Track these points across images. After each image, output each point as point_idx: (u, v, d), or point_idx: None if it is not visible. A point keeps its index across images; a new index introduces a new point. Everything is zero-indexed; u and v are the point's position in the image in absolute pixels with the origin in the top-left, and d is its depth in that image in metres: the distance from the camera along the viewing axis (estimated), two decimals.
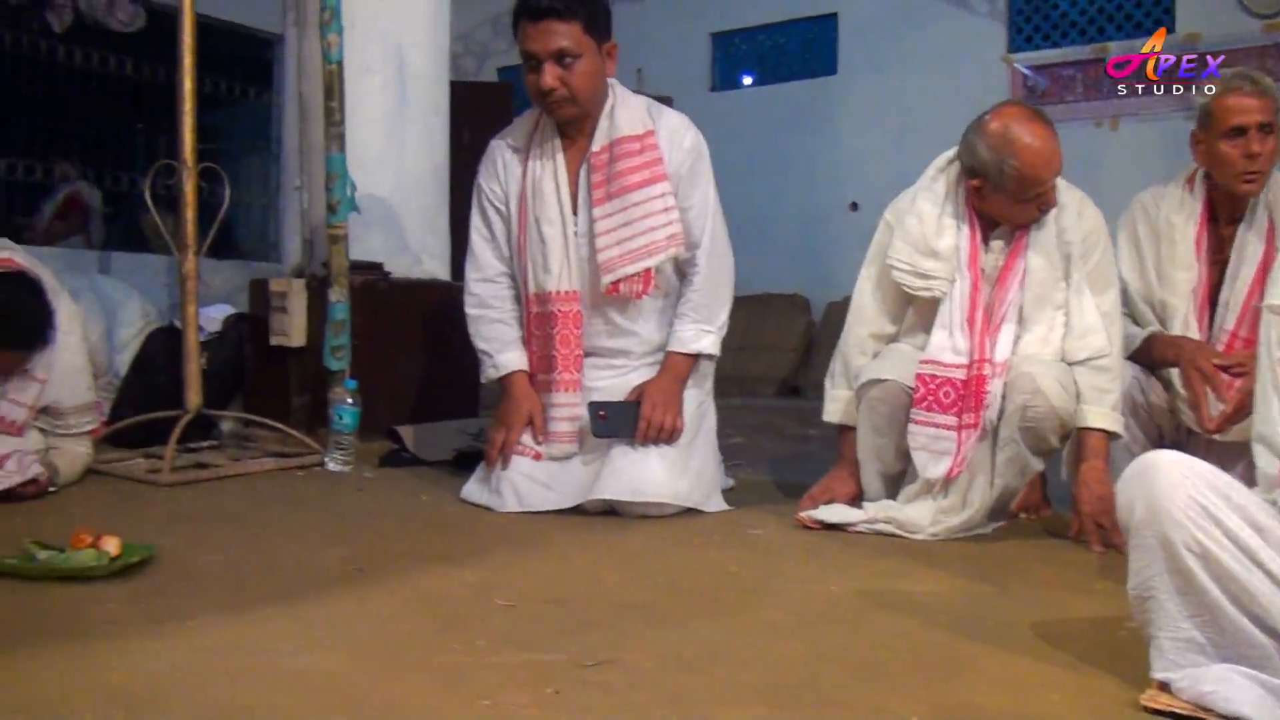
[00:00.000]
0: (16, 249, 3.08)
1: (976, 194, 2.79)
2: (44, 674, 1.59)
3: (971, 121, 2.82)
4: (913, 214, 2.88)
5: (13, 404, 3.02)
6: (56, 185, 8.56)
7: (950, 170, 2.89)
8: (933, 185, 2.90)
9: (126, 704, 1.48)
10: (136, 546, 2.23)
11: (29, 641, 1.74)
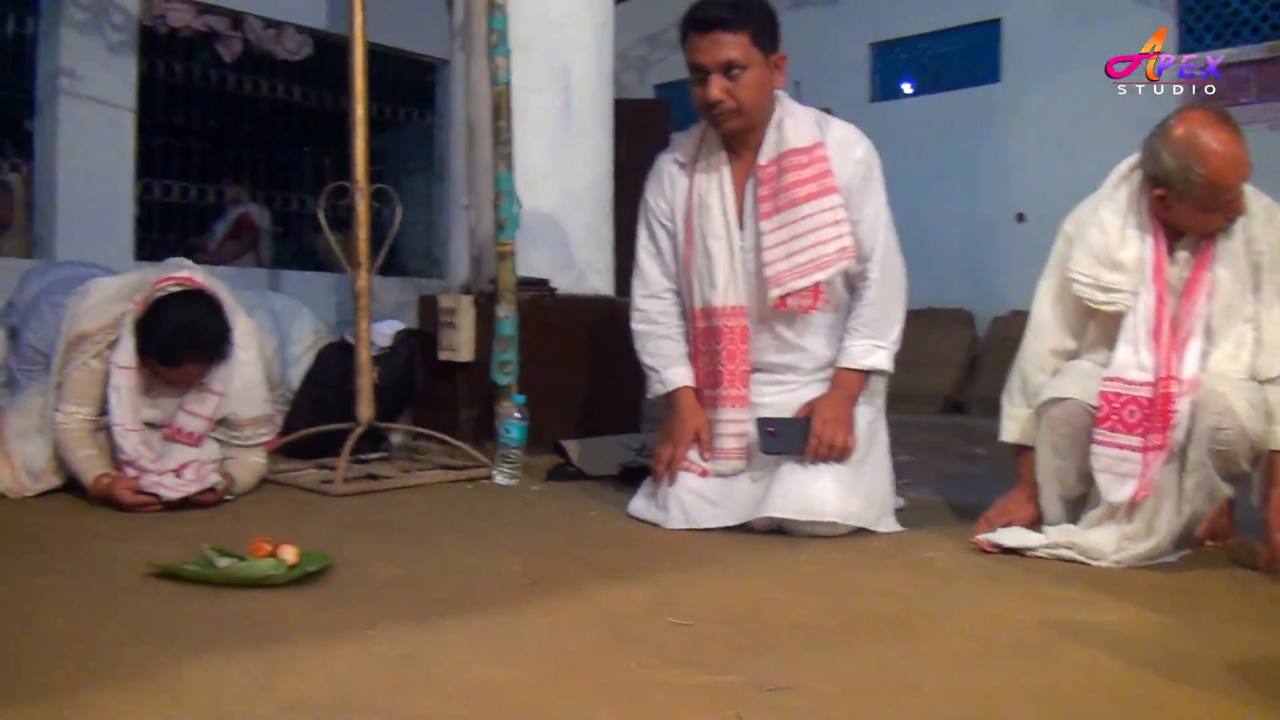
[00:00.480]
0: (196, 268, 3.19)
1: (1161, 203, 2.66)
2: (231, 679, 1.62)
3: (1154, 127, 2.68)
4: (1094, 224, 2.75)
5: (191, 415, 3.14)
6: (228, 207, 8.90)
7: (1132, 178, 2.76)
8: (1114, 194, 2.77)
9: (310, 712, 1.50)
10: (314, 555, 2.28)
11: (215, 647, 1.77)
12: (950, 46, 8.80)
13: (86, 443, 3.11)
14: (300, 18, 8.22)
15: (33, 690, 1.57)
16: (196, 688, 1.59)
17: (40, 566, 2.34)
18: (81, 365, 3.10)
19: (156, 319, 2.98)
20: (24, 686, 1.58)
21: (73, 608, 2.01)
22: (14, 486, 3.17)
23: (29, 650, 1.76)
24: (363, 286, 3.69)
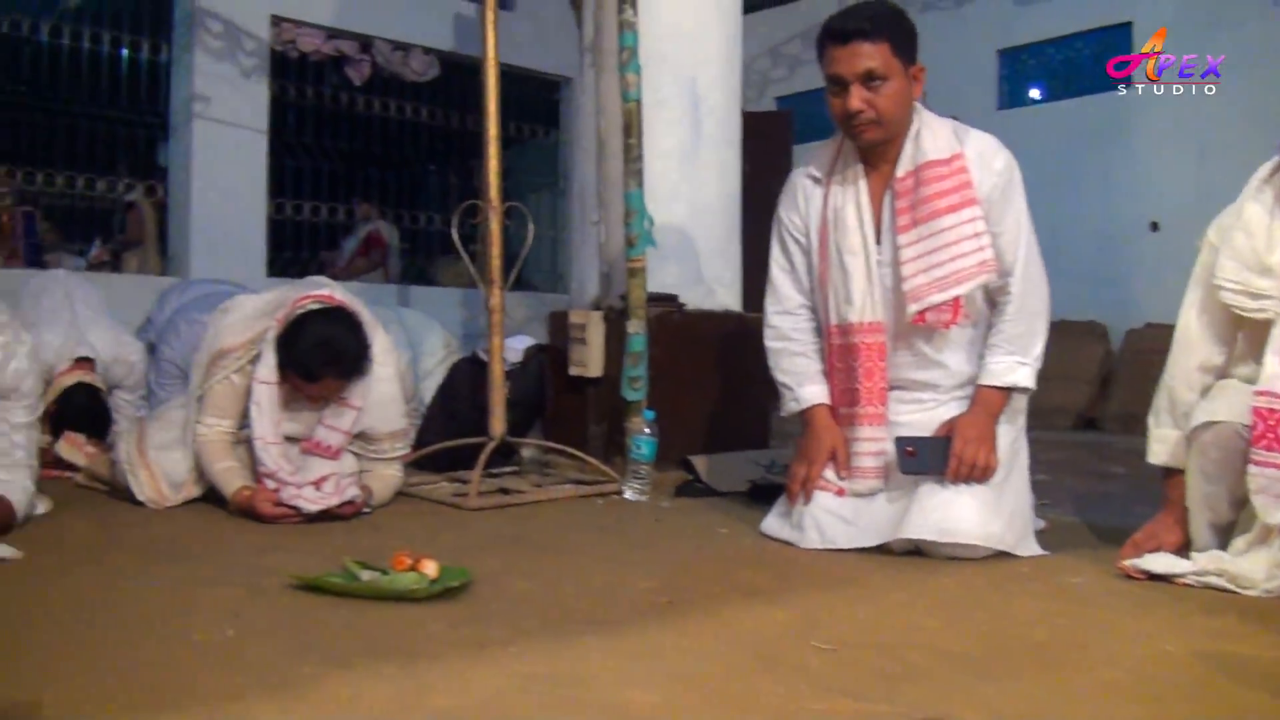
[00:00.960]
0: (336, 285, 3.24)
1: None
2: (377, 692, 1.63)
3: None
4: (1240, 229, 2.62)
5: (330, 429, 3.19)
6: (358, 225, 9.10)
7: (1275, 180, 2.62)
8: (1259, 197, 2.64)
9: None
10: (454, 570, 2.29)
11: (360, 659, 1.78)
12: (1079, 51, 8.59)
13: (227, 455, 3.18)
14: (427, 39, 8.39)
15: (186, 698, 1.59)
16: (344, 700, 1.60)
17: (189, 577, 2.39)
18: (223, 380, 3.18)
19: (297, 335, 3.04)
20: (178, 694, 1.61)
21: (222, 618, 2.04)
22: (155, 497, 3.26)
23: (182, 658, 1.79)
24: (496, 303, 3.71)
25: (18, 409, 2.97)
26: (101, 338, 4.30)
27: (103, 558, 2.62)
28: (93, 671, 1.71)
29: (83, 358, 4.22)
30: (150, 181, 7.97)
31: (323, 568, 2.37)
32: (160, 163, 9.31)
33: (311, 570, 2.33)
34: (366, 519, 3.14)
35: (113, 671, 1.71)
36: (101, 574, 2.45)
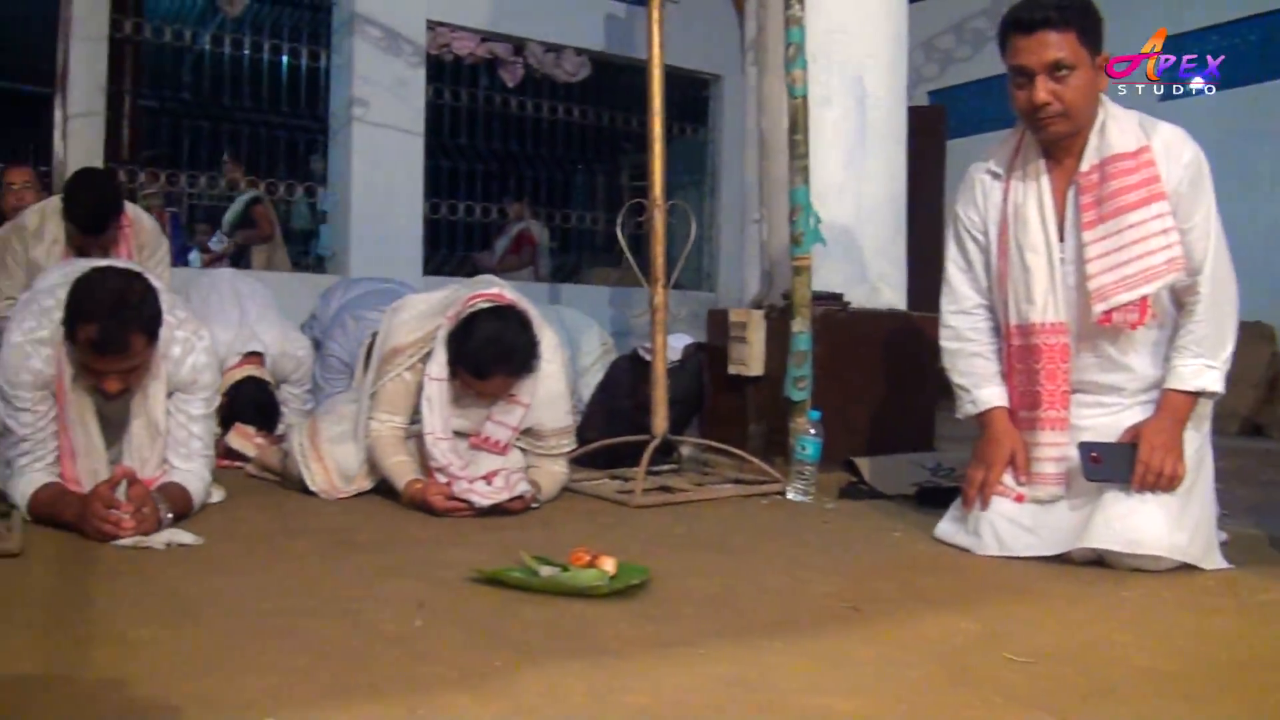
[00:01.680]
0: (505, 284, 3.27)
1: None
2: (570, 688, 1.63)
3: None
4: None
5: (498, 425, 3.22)
6: (509, 224, 9.22)
7: None
8: None
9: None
10: (633, 568, 2.28)
11: (549, 655, 1.79)
12: (1247, 37, 8.22)
13: (399, 450, 3.23)
14: (579, 40, 8.44)
15: (385, 687, 1.61)
16: (539, 694, 1.60)
17: (370, 568, 2.43)
18: (395, 377, 3.23)
19: (468, 333, 3.07)
20: (375, 683, 1.63)
21: (408, 609, 2.06)
22: (328, 488, 3.33)
23: (375, 648, 1.81)
24: (659, 301, 3.71)
25: (196, 402, 3.06)
26: (270, 333, 4.42)
27: (282, 546, 2.68)
28: (287, 659, 1.74)
29: (252, 352, 4.34)
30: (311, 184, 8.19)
31: (500, 562, 2.38)
32: (314, 166, 9.58)
33: (489, 564, 2.34)
34: (536, 515, 3.16)
35: (307, 659, 1.74)
36: (282, 562, 2.51)
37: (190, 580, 2.31)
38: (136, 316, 2.75)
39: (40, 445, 2.91)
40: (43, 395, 2.90)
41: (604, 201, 11.02)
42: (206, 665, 1.72)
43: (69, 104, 6.96)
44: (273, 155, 8.65)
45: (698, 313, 5.15)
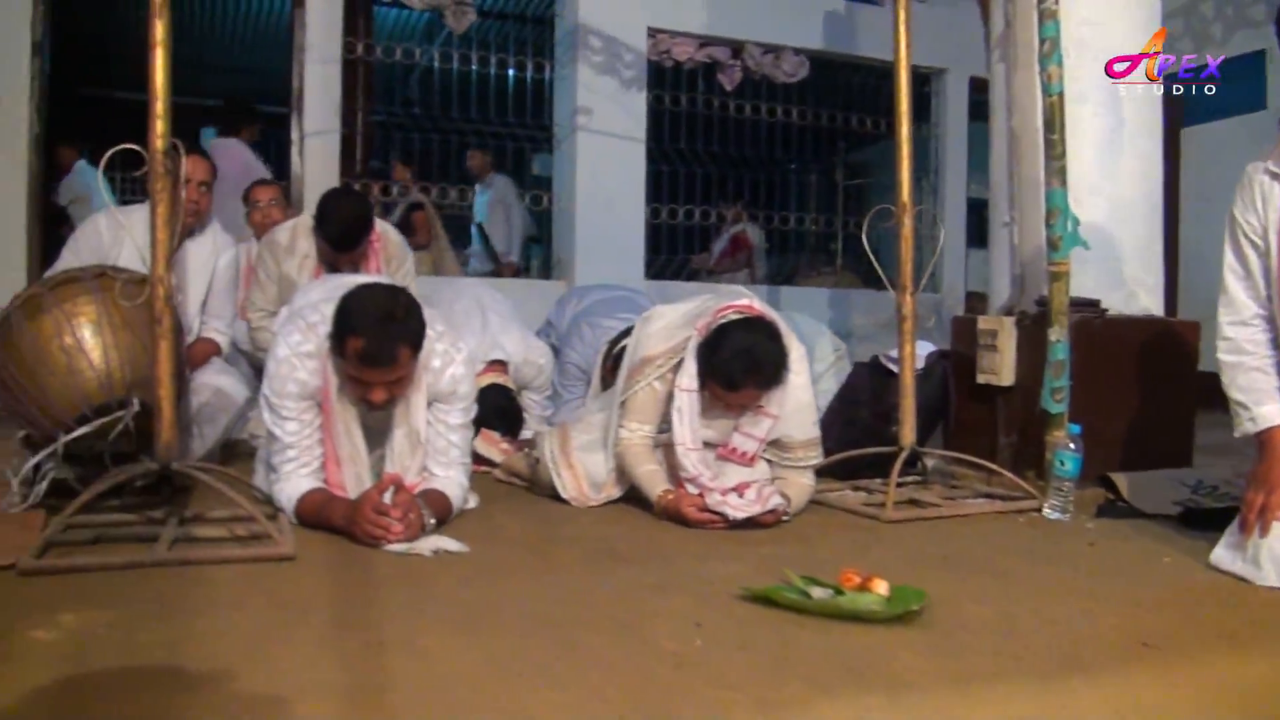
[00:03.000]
0: (754, 296, 3.25)
1: None
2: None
3: None
4: None
5: (746, 436, 3.21)
6: (725, 226, 9.22)
7: None
8: None
9: None
10: (907, 592, 2.21)
11: (843, 686, 1.76)
12: None
13: (649, 459, 3.25)
14: (798, 40, 8.37)
15: (677, 709, 1.62)
16: None
17: (636, 582, 2.44)
18: (646, 386, 3.25)
19: (719, 345, 3.06)
20: (672, 709, 1.63)
21: (684, 627, 2.06)
22: (578, 496, 3.38)
23: (660, 669, 1.81)
24: (907, 310, 3.61)
25: (455, 411, 3.15)
26: (512, 342, 4.52)
27: (547, 554, 2.73)
28: (579, 674, 1.77)
29: (496, 360, 4.44)
30: (537, 190, 8.36)
31: (763, 578, 2.36)
32: (535, 171, 9.77)
33: (754, 581, 2.33)
34: (791, 529, 3.12)
35: (598, 676, 1.76)
36: (550, 571, 2.56)
37: (465, 587, 2.37)
38: (403, 330, 2.85)
39: (306, 452, 3.05)
40: (308, 405, 3.03)
41: (819, 201, 10.91)
42: (503, 676, 1.75)
43: (305, 123, 7.31)
44: (499, 161, 8.87)
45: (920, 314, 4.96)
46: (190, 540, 2.79)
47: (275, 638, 2.00)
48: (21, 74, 6.73)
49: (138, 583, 2.41)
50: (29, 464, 3.16)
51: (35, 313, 3.18)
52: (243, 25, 10.34)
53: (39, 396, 3.16)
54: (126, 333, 3.18)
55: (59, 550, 2.64)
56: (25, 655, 1.94)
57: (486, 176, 8.81)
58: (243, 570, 2.52)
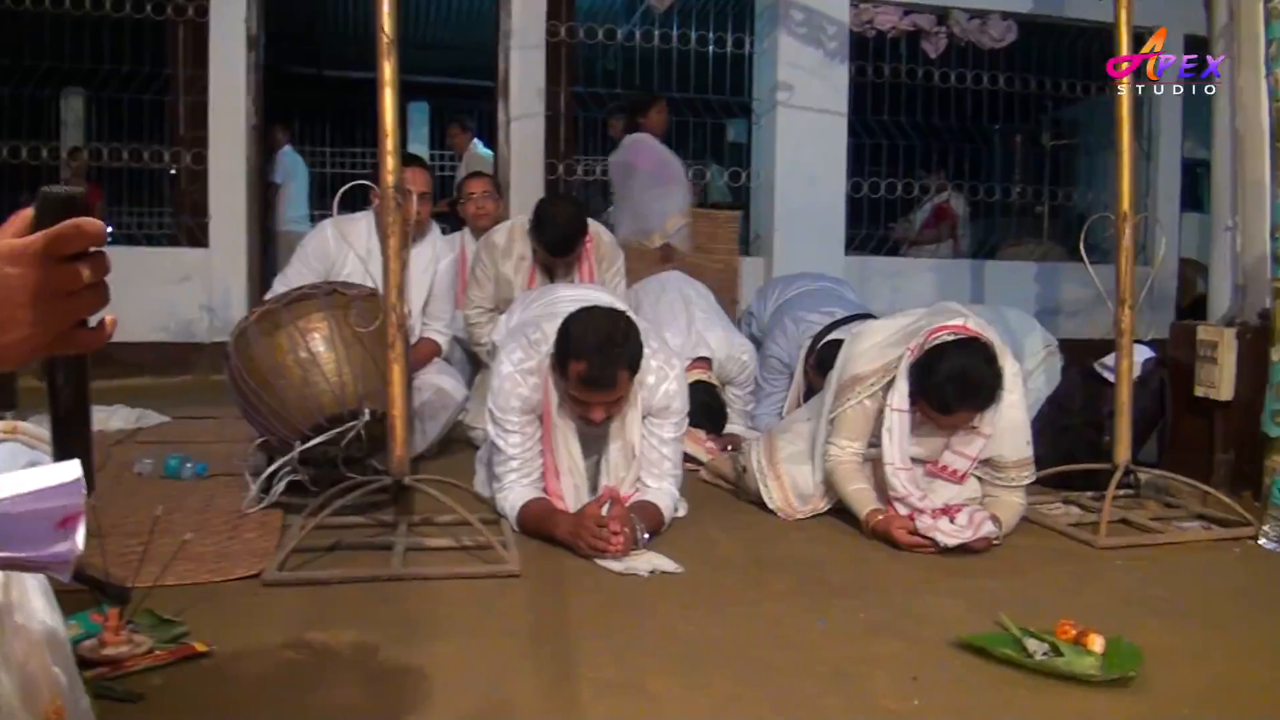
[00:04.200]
0: (968, 313, 3.22)
1: None
2: None
3: None
4: None
5: (957, 455, 3.20)
6: (927, 196, 9.05)
7: None
8: None
9: None
10: (1123, 650, 2.18)
11: None
12: None
13: (858, 477, 3.28)
14: (1006, 4, 8.13)
15: None
16: None
17: (851, 620, 2.48)
18: (855, 404, 3.27)
19: (934, 367, 3.05)
20: None
21: (901, 680, 2.11)
22: (785, 508, 3.44)
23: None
24: (1126, 325, 3.50)
25: (668, 425, 3.26)
26: (717, 338, 4.58)
27: (759, 582, 2.80)
28: None
29: (700, 357, 4.52)
30: (735, 167, 8.37)
31: (979, 619, 2.39)
32: (730, 139, 9.75)
33: (969, 621, 2.36)
34: (1005, 559, 3.05)
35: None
36: (765, 601, 2.63)
37: (685, 619, 2.47)
38: (622, 354, 2.97)
39: (527, 464, 3.22)
40: (530, 419, 3.20)
41: (1025, 165, 10.59)
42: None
43: (510, 107, 7.50)
44: (698, 136, 8.89)
45: None
46: (421, 550, 2.98)
47: (513, 671, 2.15)
48: (239, 68, 7.12)
49: (376, 599, 2.60)
50: (269, 470, 3.40)
51: (272, 328, 3.42)
52: (448, 3, 10.61)
53: (276, 406, 3.40)
54: (357, 347, 3.39)
55: (298, 557, 2.85)
56: (280, 677, 2.13)
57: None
58: (473, 589, 2.69)
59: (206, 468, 3.93)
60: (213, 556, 2.88)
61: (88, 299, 0.95)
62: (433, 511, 3.23)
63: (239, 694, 2.04)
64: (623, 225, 6.44)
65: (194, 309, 7.05)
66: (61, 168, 7.92)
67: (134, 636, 2.19)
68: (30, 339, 0.94)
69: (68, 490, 0.98)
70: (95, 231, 0.93)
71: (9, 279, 0.92)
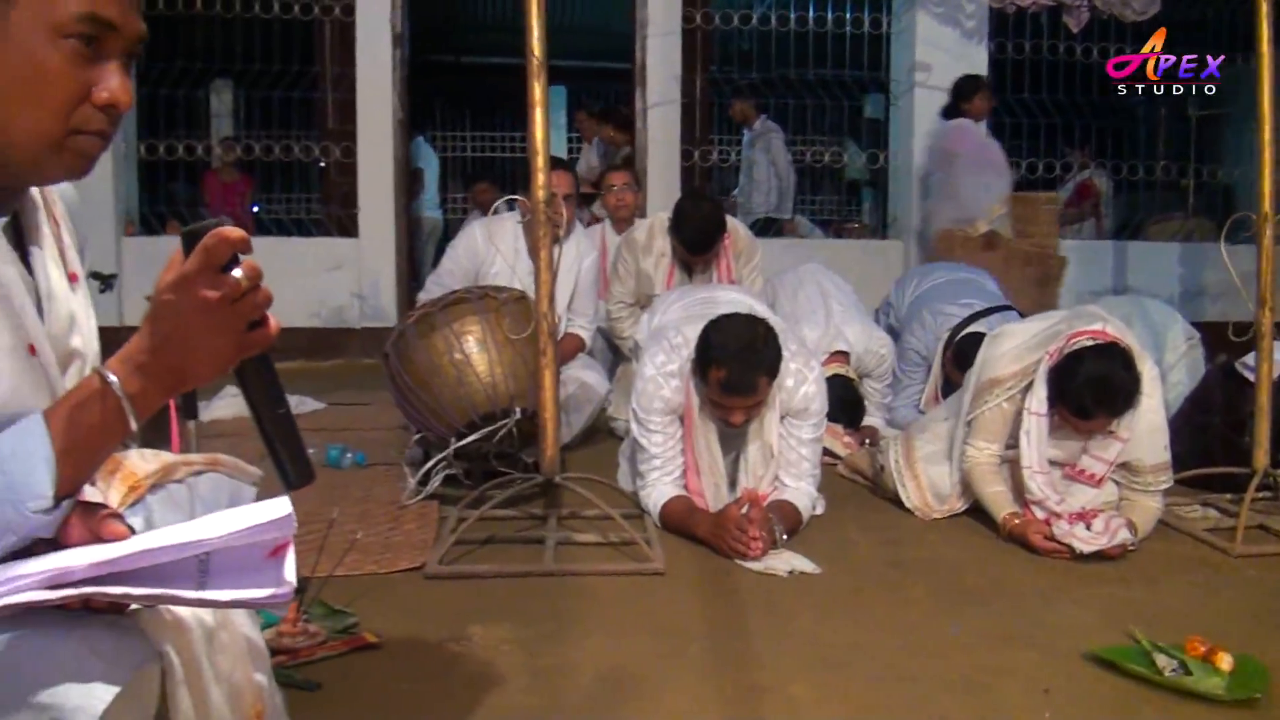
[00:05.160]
0: (1109, 319, 3.24)
1: None
2: None
3: None
4: None
5: (1094, 459, 3.23)
6: (1070, 174, 8.89)
7: None
8: None
9: None
10: (1251, 667, 2.22)
11: None
12: None
13: (995, 479, 3.33)
14: None
15: None
16: None
17: (983, 628, 2.56)
18: (994, 406, 3.32)
19: (1073, 373, 3.08)
20: None
21: (1032, 692, 2.18)
22: (922, 507, 3.51)
23: None
24: (1264, 328, 3.46)
25: (806, 426, 3.36)
26: (854, 332, 4.64)
27: (895, 585, 2.89)
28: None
29: (838, 351, 4.59)
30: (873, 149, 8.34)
31: (1110, 631, 2.45)
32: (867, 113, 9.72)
33: (1100, 632, 2.43)
34: (1137, 569, 3.04)
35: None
36: (900, 608, 2.71)
37: (824, 623, 2.58)
38: (762, 361, 3.08)
39: (669, 462, 3.37)
40: (671, 419, 3.34)
41: (1170, 140, 10.32)
42: None
43: (648, 94, 7.61)
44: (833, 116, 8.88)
45: None
46: (570, 545, 3.15)
47: (660, 671, 2.29)
48: (385, 64, 7.37)
49: (530, 593, 2.77)
50: (427, 466, 3.60)
51: (428, 331, 3.62)
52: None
53: (433, 404, 3.60)
54: (508, 348, 3.57)
55: (456, 550, 3.04)
56: (446, 670, 2.29)
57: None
58: (620, 586, 2.84)
59: (365, 458, 4.16)
60: (377, 548, 3.08)
61: (251, 301, 1.11)
62: (579, 505, 3.38)
63: (409, 685, 2.23)
64: (942, 213, 6.51)
65: (345, 295, 7.36)
66: (213, 159, 8.33)
67: (309, 627, 2.39)
68: (214, 351, 1.12)
69: (279, 525, 1.13)
70: (238, 237, 1.09)
71: (177, 304, 1.09)
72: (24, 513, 1.11)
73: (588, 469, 3.72)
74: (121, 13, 1.17)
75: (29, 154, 1.17)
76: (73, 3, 1.13)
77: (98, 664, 1.07)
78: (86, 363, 1.34)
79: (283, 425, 1.20)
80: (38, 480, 1.11)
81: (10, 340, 1.19)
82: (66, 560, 1.08)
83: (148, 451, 1.58)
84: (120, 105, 1.19)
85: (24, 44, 1.13)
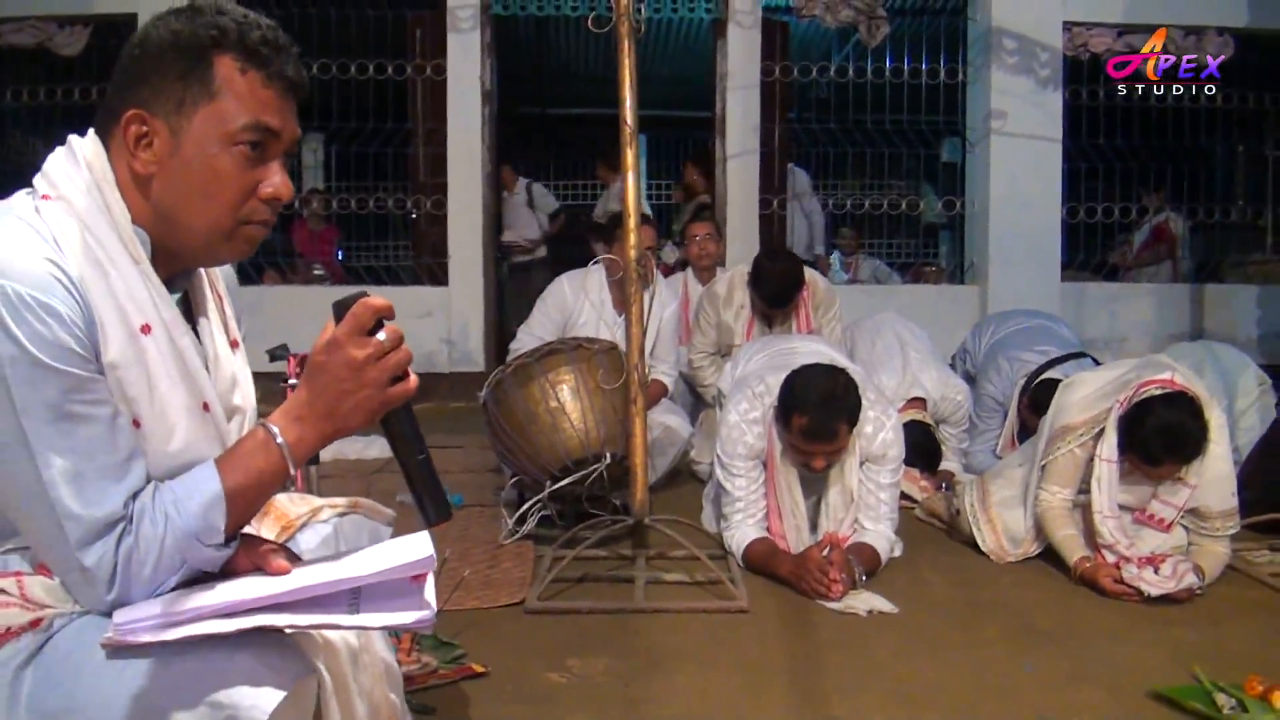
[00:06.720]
0: (1176, 367, 3.35)
1: None
2: None
3: None
4: None
5: (1163, 504, 3.35)
6: (1145, 217, 8.91)
7: None
8: None
9: None
10: None
11: None
12: None
13: (1067, 523, 3.45)
14: (1221, 19, 8.00)
15: None
16: None
17: (1053, 668, 2.68)
18: (1066, 452, 3.45)
19: (1142, 421, 3.21)
20: None
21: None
22: (997, 550, 3.63)
23: None
24: None
25: (885, 471, 3.51)
26: (931, 379, 4.76)
27: (969, 627, 3.01)
28: None
29: (915, 397, 4.72)
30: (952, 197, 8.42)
31: (1172, 668, 2.57)
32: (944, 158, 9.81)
33: (1165, 672, 2.54)
34: (1204, 609, 3.13)
35: None
36: (975, 647, 2.84)
37: (901, 661, 2.73)
38: (842, 409, 3.25)
39: (752, 505, 3.54)
40: (754, 464, 3.52)
41: (1247, 181, 10.29)
42: None
43: (727, 145, 7.82)
44: (909, 161, 9.02)
45: None
46: (659, 584, 3.33)
47: (745, 704, 2.46)
48: (475, 119, 7.68)
49: (623, 629, 2.96)
50: (524, 508, 3.81)
51: (525, 380, 3.84)
52: (665, 39, 11.01)
53: (529, 450, 3.81)
54: (600, 396, 3.78)
55: (552, 587, 3.24)
56: (547, 698, 2.49)
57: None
58: (706, 623, 3.02)
59: (461, 499, 4.37)
60: (478, 584, 3.30)
61: (393, 359, 1.34)
62: (667, 546, 3.57)
63: (514, 713, 2.41)
64: None
65: (435, 341, 7.63)
66: (305, 211, 8.68)
67: (421, 657, 2.60)
68: (361, 404, 1.35)
69: (423, 563, 1.32)
70: (382, 305, 1.34)
71: (331, 364, 1.33)
72: (200, 548, 1.33)
73: (672, 510, 3.89)
74: (282, 120, 1.41)
75: (205, 242, 1.42)
76: (242, 115, 1.37)
77: (267, 673, 1.27)
78: (247, 416, 1.57)
79: (423, 469, 1.40)
80: (212, 519, 1.33)
81: (188, 399, 1.42)
82: (239, 593, 1.30)
83: (295, 495, 1.81)
84: (283, 198, 1.43)
85: (202, 152, 1.37)
